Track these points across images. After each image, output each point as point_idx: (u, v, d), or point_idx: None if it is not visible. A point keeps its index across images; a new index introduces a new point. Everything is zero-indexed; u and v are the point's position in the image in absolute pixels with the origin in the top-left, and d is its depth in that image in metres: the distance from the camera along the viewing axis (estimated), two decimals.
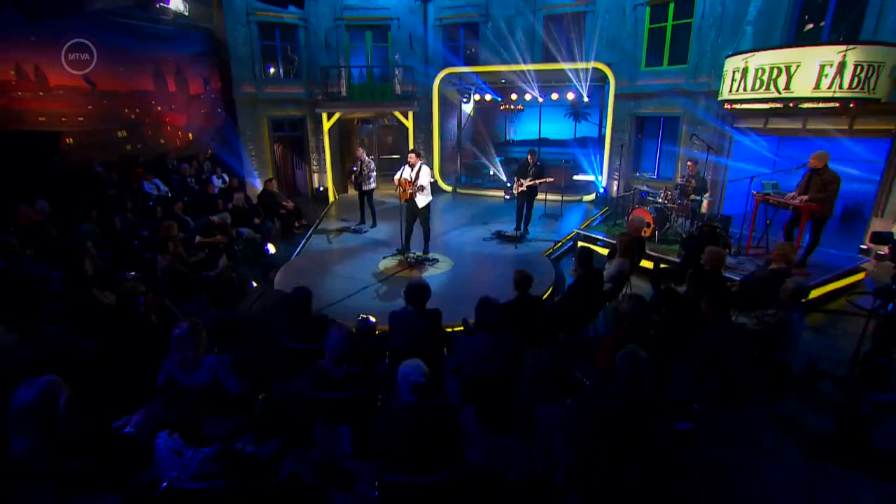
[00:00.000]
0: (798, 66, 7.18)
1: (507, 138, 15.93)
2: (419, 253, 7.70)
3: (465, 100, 13.70)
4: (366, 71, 13.32)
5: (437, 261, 7.57)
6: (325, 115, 12.64)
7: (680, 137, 10.62)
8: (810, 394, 4.02)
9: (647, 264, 7.26)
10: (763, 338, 3.99)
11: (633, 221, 6.35)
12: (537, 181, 8.64)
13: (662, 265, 7.32)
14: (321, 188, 13.82)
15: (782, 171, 6.91)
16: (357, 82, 13.21)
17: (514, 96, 13.02)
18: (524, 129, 16.41)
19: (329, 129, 12.94)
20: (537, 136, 14.21)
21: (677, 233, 8.24)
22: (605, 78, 11.49)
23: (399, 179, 7.49)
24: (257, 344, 4.42)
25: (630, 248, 5.57)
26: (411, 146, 13.34)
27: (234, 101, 12.29)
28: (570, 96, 12.23)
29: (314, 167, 14.12)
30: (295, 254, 8.36)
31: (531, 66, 12.11)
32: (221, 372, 3.22)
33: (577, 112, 15.04)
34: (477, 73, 12.83)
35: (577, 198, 12.57)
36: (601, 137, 12.37)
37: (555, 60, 11.94)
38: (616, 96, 11.41)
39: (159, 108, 10.96)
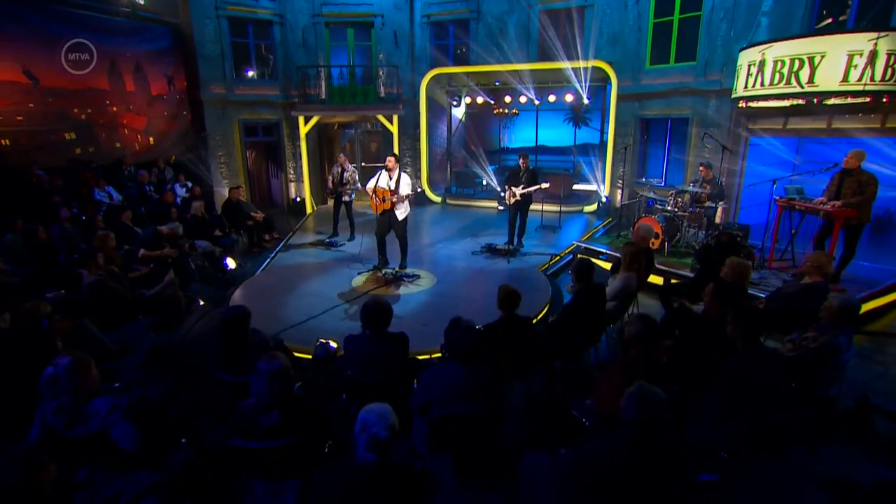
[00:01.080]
0: (823, 57, 6.76)
1: (502, 146, 15.59)
2: (396, 268, 7.37)
3: (455, 103, 13.38)
4: (347, 71, 13.01)
5: (418, 277, 7.21)
6: (301, 119, 12.32)
7: (689, 141, 10.21)
8: (862, 435, 3.44)
9: (655, 280, 6.80)
10: (802, 367, 3.43)
11: (640, 230, 5.87)
12: (531, 189, 8.24)
13: (673, 280, 6.79)
14: (298, 198, 13.37)
15: (809, 174, 6.41)
16: (337, 84, 12.90)
17: (507, 99, 12.70)
18: (520, 136, 16.13)
19: (306, 135, 12.57)
20: (534, 143, 13.94)
21: (689, 244, 7.74)
22: (606, 78, 11.18)
23: (374, 188, 7.09)
24: (190, 376, 3.85)
25: (636, 260, 5.04)
26: (396, 152, 12.91)
27: (201, 102, 11.86)
28: (569, 98, 11.95)
29: (290, 176, 13.67)
30: (260, 269, 8.01)
31: (526, 66, 11.82)
32: (112, 419, 2.61)
33: (577, 116, 14.76)
34: (468, 74, 12.56)
35: (578, 208, 12.16)
36: (603, 143, 12.00)
37: (552, 59, 11.64)
38: (619, 97, 11.10)
39: (115, 109, 10.58)
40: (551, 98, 12.16)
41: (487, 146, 15.34)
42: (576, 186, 12.93)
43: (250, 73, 12.75)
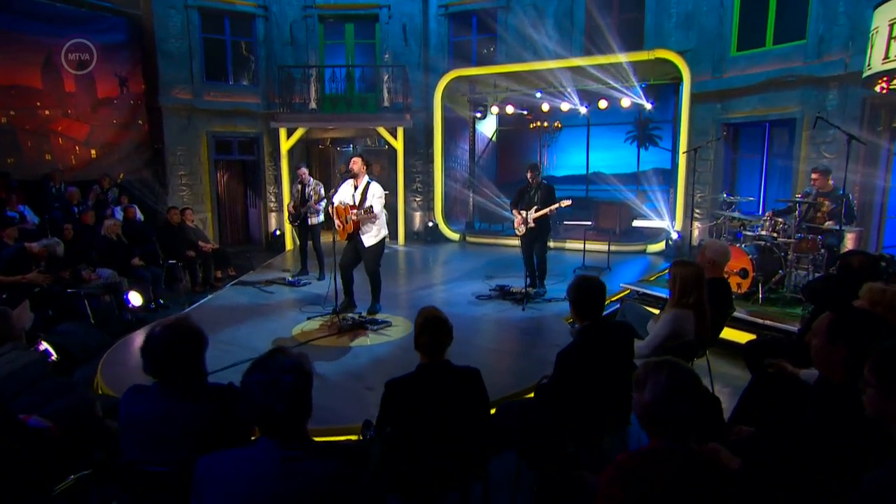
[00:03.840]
0: None
1: (543, 174, 14.37)
2: (363, 313, 6.84)
3: (479, 115, 12.70)
4: (344, 74, 12.63)
5: (388, 324, 6.57)
6: (283, 132, 11.89)
7: (797, 149, 8.88)
8: None
9: (733, 335, 5.50)
10: None
11: (709, 249, 4.41)
12: (547, 210, 7.45)
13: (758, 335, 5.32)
14: (277, 232, 12.61)
15: None
16: (331, 91, 12.58)
17: (545, 107, 11.79)
18: (567, 160, 15.30)
19: (289, 151, 11.94)
20: (585, 170, 13.22)
21: (796, 287, 6.09)
22: (676, 73, 10.23)
23: (336, 206, 6.62)
24: None
25: (695, 288, 3.62)
26: (400, 175, 12.11)
27: (160, 109, 11.48)
28: (626, 103, 11.06)
29: (271, 204, 13.01)
30: (189, 309, 7.68)
31: (570, 62, 10.99)
32: None
33: (641, 133, 13.53)
34: (496, 76, 11.92)
35: (639, 247, 10.82)
36: (676, 165, 10.83)
37: (603, 53, 10.74)
38: (694, 97, 10.14)
39: (47, 113, 10.31)
40: (602, 104, 11.26)
41: (524, 173, 14.40)
42: (637, 223, 11.52)
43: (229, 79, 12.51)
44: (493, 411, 3.29)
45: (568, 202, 7.54)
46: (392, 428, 2.69)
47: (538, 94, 11.65)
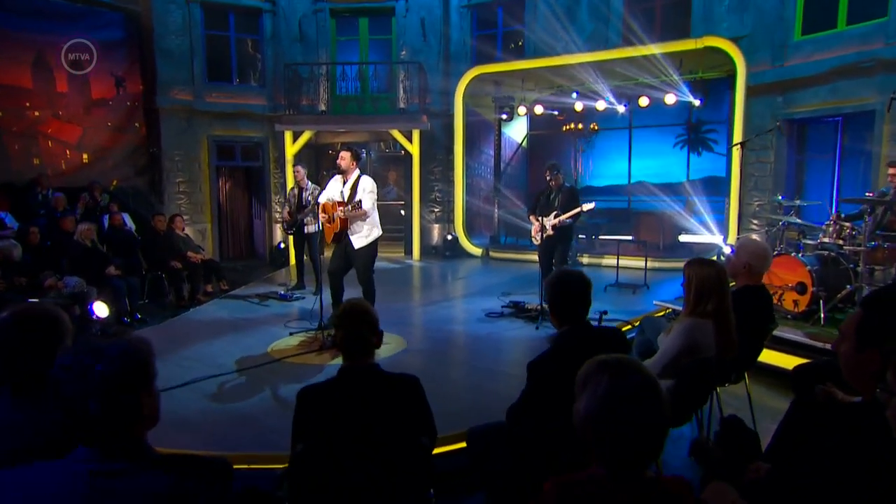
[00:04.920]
0: None
1: (579, 182, 14.49)
2: None
3: (505, 117, 12.43)
4: (356, 73, 12.53)
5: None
6: (288, 136, 11.89)
7: (878, 146, 8.48)
8: None
9: (783, 360, 5.02)
10: None
11: (747, 251, 3.95)
12: (568, 216, 7.27)
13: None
14: (282, 245, 12.51)
15: None
16: (342, 93, 12.60)
17: (578, 106, 11.45)
18: (607, 168, 15.04)
19: (295, 157, 11.86)
20: (627, 179, 13.26)
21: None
22: (729, 64, 9.88)
23: (322, 203, 6.59)
24: None
25: (715, 294, 3.24)
26: (416, 184, 11.91)
27: (157, 110, 11.60)
28: (671, 100, 10.67)
29: (276, 215, 12.94)
30: (164, 323, 7.78)
31: (607, 55, 10.74)
32: None
33: (691, 135, 13.02)
34: (523, 73, 11.66)
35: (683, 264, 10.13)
36: (730, 170, 10.39)
37: (644, 43, 10.40)
38: (750, 90, 9.74)
39: (37, 114, 10.46)
40: (643, 101, 10.92)
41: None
42: (683, 237, 10.98)
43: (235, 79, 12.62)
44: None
45: (591, 206, 7.30)
46: (305, 445, 2.40)
47: (574, 95, 11.42)
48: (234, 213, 13.22)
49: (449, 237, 12.35)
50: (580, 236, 12.21)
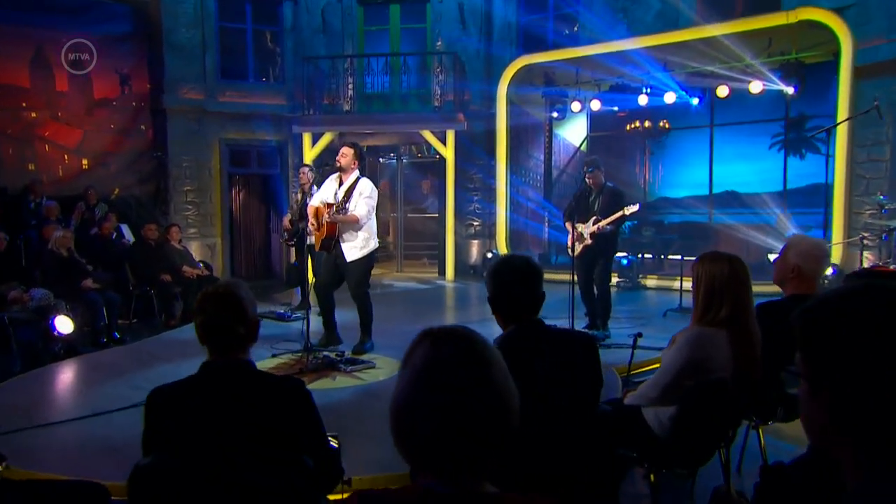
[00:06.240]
0: None
1: (650, 194, 14.13)
2: (348, 351, 6.78)
3: (555, 115, 12.23)
4: (386, 67, 12.55)
5: (371, 365, 6.53)
6: (306, 139, 12.10)
7: None
8: None
9: None
10: None
11: (798, 251, 3.76)
12: (607, 221, 7.10)
13: None
14: (297, 262, 12.51)
15: None
16: (370, 90, 12.75)
17: (642, 99, 11.23)
18: (683, 177, 14.51)
19: (314, 162, 11.90)
20: (708, 189, 12.92)
21: None
22: (831, 42, 9.59)
23: (317, 206, 6.69)
24: None
25: (729, 297, 2.96)
26: (450, 193, 11.77)
27: (164, 111, 11.93)
28: (756, 88, 10.38)
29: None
30: (139, 342, 8.03)
31: (679, 36, 10.53)
32: None
33: (791, 133, 12.35)
34: (578, 62, 11.43)
35: (771, 287, 9.53)
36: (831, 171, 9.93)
37: (724, 19, 10.25)
38: (857, 72, 9.42)
39: (34, 115, 10.80)
40: (722, 91, 10.56)
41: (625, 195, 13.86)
42: (773, 256, 10.34)
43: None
44: None
45: (634, 208, 7.12)
46: (154, 457, 2.29)
47: (647, 90, 11.13)
48: (248, 226, 13.37)
49: (490, 255, 12.15)
50: (646, 255, 11.74)
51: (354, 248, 6.38)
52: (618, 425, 2.92)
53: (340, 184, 6.45)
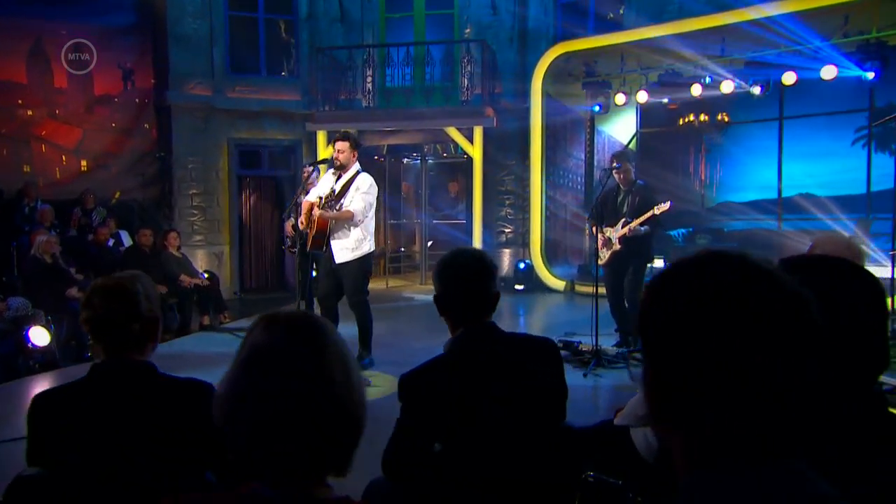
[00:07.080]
0: None
1: (710, 197, 13.86)
2: None
3: (598, 109, 12.02)
4: (403, 56, 12.49)
5: (368, 383, 6.34)
6: (321, 137, 12.16)
7: None
8: None
9: None
10: None
11: (823, 250, 3.33)
12: (638, 222, 7.01)
13: None
14: (314, 273, 12.47)
15: None
16: (391, 84, 12.76)
17: (696, 90, 10.94)
18: (748, 178, 14.13)
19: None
20: (777, 193, 12.79)
21: None
22: None
23: (311, 201, 6.72)
24: None
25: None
26: (477, 196, 11.69)
27: (168, 108, 12.02)
28: (829, 73, 10.02)
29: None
30: None
31: (737, 15, 10.18)
32: None
33: (879, 126, 11.97)
34: (623, 48, 11.28)
35: None
36: None
37: None
38: None
39: (30, 114, 10.99)
40: (788, 78, 10.23)
41: (680, 200, 13.40)
42: None
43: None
44: None
45: (665, 206, 6.95)
46: (39, 469, 2.32)
47: (708, 80, 10.84)
48: (259, 233, 13.39)
49: (522, 265, 11.99)
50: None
51: (345, 248, 6.35)
52: (598, 448, 2.69)
53: (338, 179, 6.47)
